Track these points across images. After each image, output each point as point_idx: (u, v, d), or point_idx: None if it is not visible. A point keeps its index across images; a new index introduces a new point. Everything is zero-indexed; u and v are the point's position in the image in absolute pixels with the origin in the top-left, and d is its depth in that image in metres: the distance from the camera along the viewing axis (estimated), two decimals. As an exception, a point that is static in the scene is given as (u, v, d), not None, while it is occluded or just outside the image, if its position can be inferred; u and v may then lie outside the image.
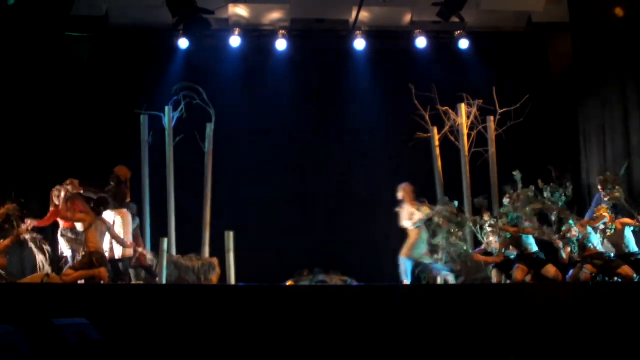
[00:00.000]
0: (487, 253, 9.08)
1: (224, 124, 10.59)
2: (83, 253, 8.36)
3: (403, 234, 10.70)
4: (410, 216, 9.45)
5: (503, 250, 8.79)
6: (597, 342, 6.69)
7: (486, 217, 9.07)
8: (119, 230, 8.93)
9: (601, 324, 6.81)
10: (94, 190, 9.00)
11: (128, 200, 9.43)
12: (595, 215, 8.49)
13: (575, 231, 8.29)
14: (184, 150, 10.39)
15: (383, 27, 11.79)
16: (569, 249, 8.37)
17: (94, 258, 8.19)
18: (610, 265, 8.14)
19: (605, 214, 8.40)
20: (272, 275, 9.52)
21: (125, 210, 9.15)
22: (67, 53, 10.99)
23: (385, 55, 11.86)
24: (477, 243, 9.58)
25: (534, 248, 8.60)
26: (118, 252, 8.94)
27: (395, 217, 9.63)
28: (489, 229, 8.96)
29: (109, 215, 8.91)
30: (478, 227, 9.37)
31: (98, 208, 8.55)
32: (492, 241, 8.95)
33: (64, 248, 8.92)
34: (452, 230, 9.25)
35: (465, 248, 9.24)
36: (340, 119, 11.77)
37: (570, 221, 8.39)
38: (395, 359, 6.67)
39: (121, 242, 8.76)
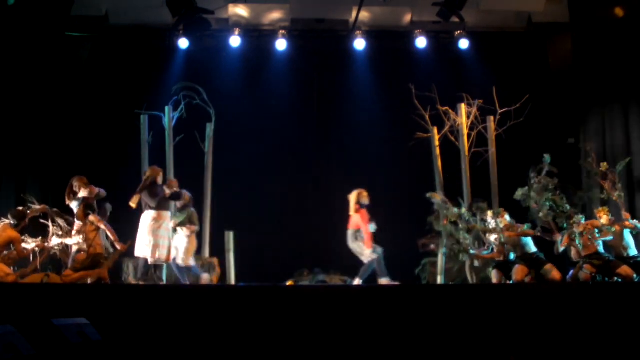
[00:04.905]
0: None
1: (224, 124, 10.61)
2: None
3: (403, 233, 10.70)
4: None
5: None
6: (597, 342, 6.69)
7: (489, 216, 9.05)
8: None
9: (601, 324, 6.80)
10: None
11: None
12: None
13: (581, 226, 8.29)
14: (184, 150, 10.40)
15: (383, 27, 11.79)
16: (577, 245, 8.34)
17: (96, 260, 8.20)
18: (609, 265, 8.14)
19: (605, 215, 8.42)
20: (272, 275, 9.53)
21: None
22: (67, 53, 10.99)
23: (385, 55, 11.86)
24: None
25: (533, 248, 8.61)
26: (152, 253, 8.70)
27: (395, 217, 9.64)
28: (491, 227, 8.94)
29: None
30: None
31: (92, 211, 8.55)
32: (493, 240, 8.96)
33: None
34: (453, 232, 9.26)
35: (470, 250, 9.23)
36: (340, 119, 11.77)
37: (581, 217, 8.39)
38: (395, 359, 6.67)
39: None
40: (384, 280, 8.79)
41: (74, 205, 8.47)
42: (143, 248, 8.61)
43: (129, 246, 8.54)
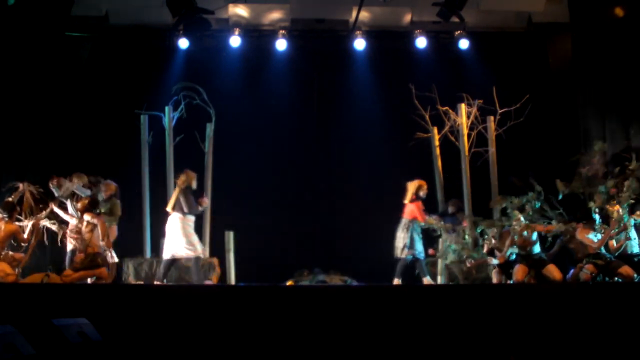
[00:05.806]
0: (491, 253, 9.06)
1: (224, 124, 10.60)
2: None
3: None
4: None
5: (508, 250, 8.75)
6: (597, 342, 6.69)
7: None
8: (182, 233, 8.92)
9: (601, 324, 6.80)
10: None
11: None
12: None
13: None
14: (184, 150, 10.40)
15: (383, 27, 11.79)
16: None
17: (95, 259, 8.20)
18: (610, 265, 8.14)
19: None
20: (272, 275, 9.53)
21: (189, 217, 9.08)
22: (67, 53, 10.99)
23: (385, 55, 11.86)
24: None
25: (538, 249, 8.58)
26: (183, 252, 8.91)
27: (395, 216, 9.61)
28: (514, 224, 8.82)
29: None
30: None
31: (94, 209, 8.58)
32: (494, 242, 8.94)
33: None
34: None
35: (472, 253, 9.22)
36: (340, 119, 11.77)
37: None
38: (395, 359, 6.67)
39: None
40: (395, 280, 8.94)
41: (58, 196, 8.81)
42: (180, 249, 8.84)
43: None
